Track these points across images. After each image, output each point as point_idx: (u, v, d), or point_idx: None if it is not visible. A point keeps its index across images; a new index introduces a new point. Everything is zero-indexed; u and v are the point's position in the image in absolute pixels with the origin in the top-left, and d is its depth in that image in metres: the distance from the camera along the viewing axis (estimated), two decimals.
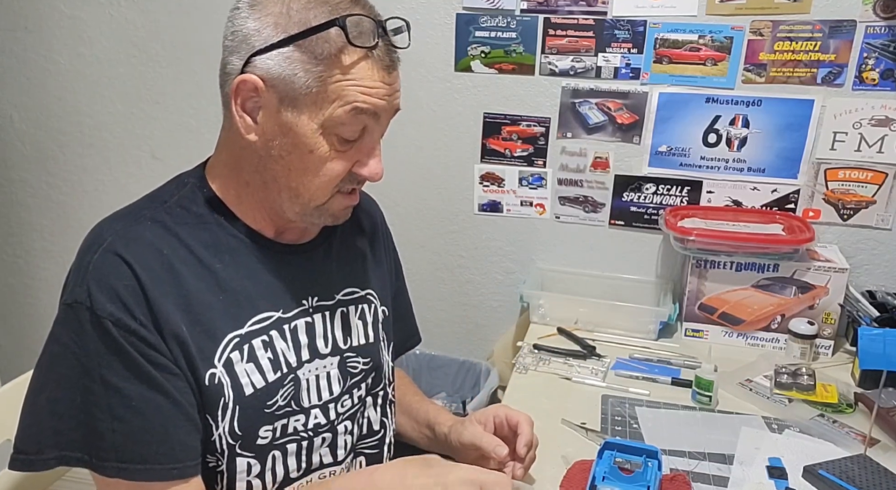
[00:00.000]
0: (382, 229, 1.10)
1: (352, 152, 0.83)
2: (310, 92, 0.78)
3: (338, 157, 0.82)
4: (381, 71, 0.81)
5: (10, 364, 2.18)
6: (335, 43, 0.77)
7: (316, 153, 0.80)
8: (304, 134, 0.79)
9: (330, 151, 0.81)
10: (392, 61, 0.83)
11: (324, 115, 0.78)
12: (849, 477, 1.05)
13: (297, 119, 0.79)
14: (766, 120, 1.55)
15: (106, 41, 1.88)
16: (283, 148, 0.81)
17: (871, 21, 1.45)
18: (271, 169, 0.82)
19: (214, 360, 0.81)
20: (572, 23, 1.59)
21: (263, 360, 0.85)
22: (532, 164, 1.71)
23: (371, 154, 0.84)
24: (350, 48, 0.78)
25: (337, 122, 0.79)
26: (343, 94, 0.78)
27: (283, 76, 0.77)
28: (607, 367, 1.43)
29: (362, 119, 0.81)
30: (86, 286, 0.76)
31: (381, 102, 0.82)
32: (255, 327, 0.85)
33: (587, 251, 1.75)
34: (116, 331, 0.75)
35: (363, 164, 0.84)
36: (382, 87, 0.81)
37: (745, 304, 1.52)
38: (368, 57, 0.79)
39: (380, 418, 1.02)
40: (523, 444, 0.97)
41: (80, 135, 1.98)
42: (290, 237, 0.91)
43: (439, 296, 1.88)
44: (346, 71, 0.78)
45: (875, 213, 1.56)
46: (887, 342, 1.04)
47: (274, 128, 0.80)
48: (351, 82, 0.78)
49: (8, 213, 2.12)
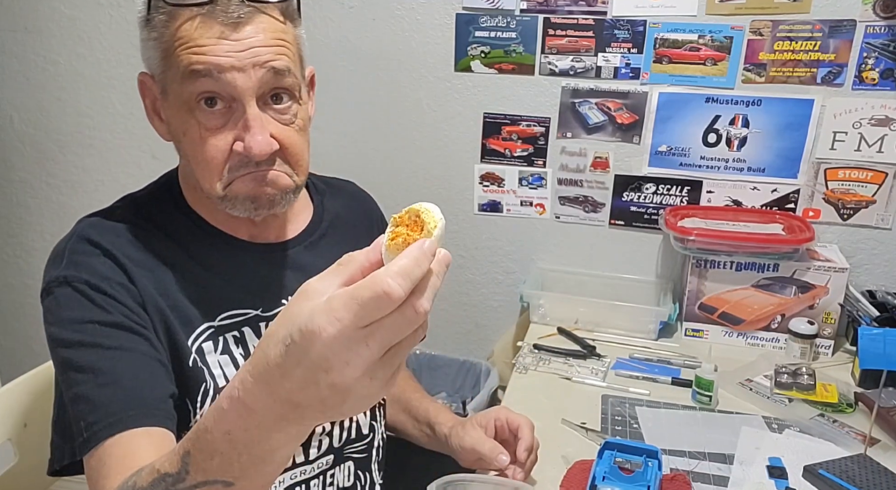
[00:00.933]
0: (379, 227, 1.07)
1: (226, 129, 0.76)
2: (164, 71, 0.75)
3: (210, 136, 0.75)
4: (220, 26, 0.72)
5: (10, 364, 2.18)
6: (160, 10, 0.74)
7: (188, 135, 0.76)
8: (175, 116, 0.76)
9: (200, 131, 0.75)
10: (240, 14, 0.73)
11: (178, 92, 0.74)
12: (849, 477, 1.05)
13: (168, 104, 0.77)
14: (765, 120, 1.55)
15: (106, 42, 1.88)
16: (175, 140, 0.79)
17: (870, 21, 1.45)
18: (184, 163, 0.81)
19: (189, 343, 0.80)
20: (572, 23, 1.59)
21: (237, 354, 0.84)
22: (532, 164, 1.71)
23: (246, 127, 0.75)
24: (177, 11, 0.73)
25: (188, 94, 0.73)
26: (179, 60, 0.73)
27: (149, 62, 0.76)
28: (607, 366, 1.43)
29: (204, 83, 0.73)
30: (62, 268, 0.75)
31: (221, 60, 0.72)
32: (227, 322, 0.83)
33: (587, 251, 1.75)
34: (91, 292, 0.74)
35: (240, 140, 0.75)
36: (224, 44, 0.72)
37: (745, 303, 1.52)
38: (199, 15, 0.72)
39: (368, 422, 1.01)
40: (524, 449, 0.97)
41: (80, 135, 1.98)
42: (268, 237, 0.89)
43: (439, 295, 1.84)
44: (178, 35, 0.73)
45: (875, 212, 1.56)
46: (887, 342, 1.04)
47: (168, 121, 0.78)
48: (184, 46, 0.72)
49: (8, 214, 2.12)
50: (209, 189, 0.79)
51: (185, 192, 0.87)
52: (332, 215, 0.99)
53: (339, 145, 1.79)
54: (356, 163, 1.77)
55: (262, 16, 0.74)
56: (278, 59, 0.75)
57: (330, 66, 1.71)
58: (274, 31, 0.75)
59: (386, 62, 1.70)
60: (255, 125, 0.74)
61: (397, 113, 1.74)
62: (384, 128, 1.76)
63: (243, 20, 0.73)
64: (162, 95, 0.78)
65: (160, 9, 0.73)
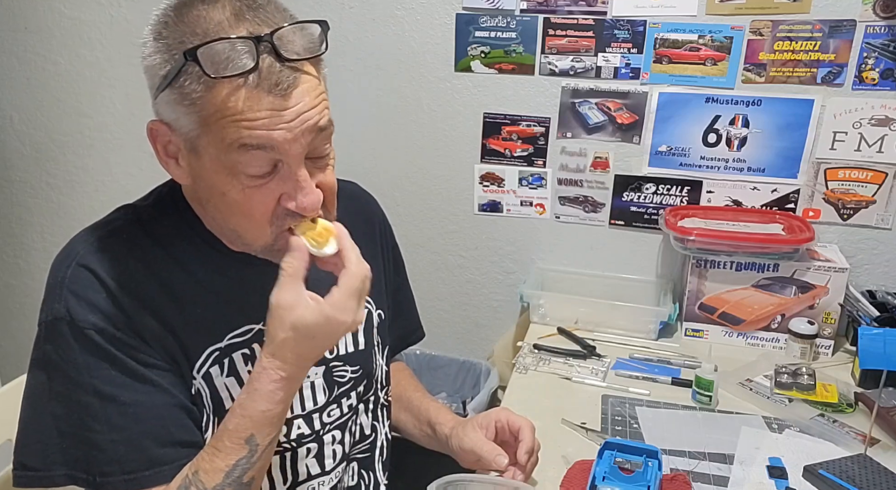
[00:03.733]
0: (381, 227, 1.07)
1: (273, 185, 0.73)
2: (198, 136, 0.71)
3: (256, 195, 0.73)
4: (269, 96, 0.68)
5: (10, 364, 2.18)
6: (198, 79, 0.67)
7: (229, 196, 0.73)
8: (211, 177, 0.73)
9: (243, 190, 0.72)
10: (286, 82, 0.69)
11: (220, 156, 0.71)
12: (849, 477, 1.05)
13: (199, 162, 0.73)
14: (765, 120, 1.55)
15: (106, 42, 1.88)
16: (205, 190, 0.76)
17: (870, 21, 1.45)
18: (211, 209, 0.79)
19: (194, 372, 0.80)
20: (572, 23, 1.59)
21: (244, 373, 0.83)
22: (532, 164, 1.71)
23: (296, 187, 0.73)
24: (218, 81, 0.67)
25: (236, 163, 0.71)
26: (226, 134, 0.69)
27: (172, 120, 0.72)
28: (607, 366, 1.43)
29: (259, 155, 0.70)
30: (63, 301, 0.75)
31: (276, 133, 0.69)
32: (235, 341, 0.83)
33: (587, 251, 1.75)
34: (101, 339, 0.74)
35: (290, 198, 0.74)
36: (273, 115, 0.69)
37: (745, 303, 1.52)
38: (244, 85, 0.67)
39: (371, 423, 1.01)
40: (524, 451, 0.97)
41: (80, 136, 1.98)
42: None
43: (439, 296, 1.88)
44: (220, 106, 0.68)
45: (875, 212, 1.56)
46: (887, 342, 1.04)
47: (195, 174, 0.75)
48: (229, 119, 0.68)
49: (8, 214, 2.12)
50: (254, 240, 0.77)
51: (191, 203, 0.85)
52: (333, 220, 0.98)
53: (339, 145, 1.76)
54: (356, 163, 1.77)
55: (303, 76, 0.71)
56: (323, 116, 0.73)
57: (330, 67, 1.69)
58: (315, 89, 0.72)
59: (386, 62, 1.70)
60: (308, 186, 0.73)
61: (397, 113, 1.73)
62: (384, 128, 1.76)
63: (290, 85, 0.69)
64: (190, 151, 0.74)
65: (194, 78, 0.67)
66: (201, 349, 0.81)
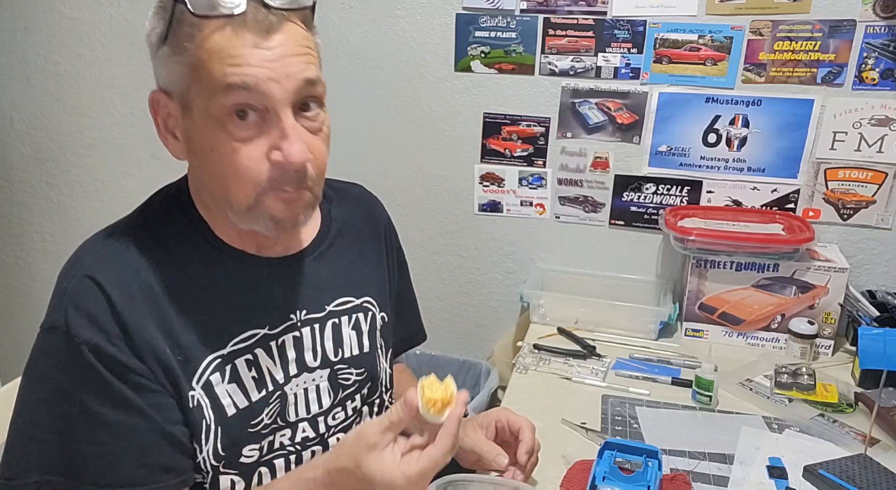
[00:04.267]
0: (386, 230, 1.07)
1: (260, 140, 0.73)
2: (189, 86, 0.72)
3: (243, 147, 0.73)
4: (252, 35, 0.70)
5: (10, 364, 2.18)
6: (186, 22, 0.70)
7: (217, 149, 0.73)
8: (202, 132, 0.74)
9: (231, 143, 0.73)
10: (270, 23, 0.71)
11: (208, 104, 0.71)
12: (849, 477, 1.05)
13: (192, 121, 0.74)
14: (765, 120, 1.55)
15: (106, 42, 1.88)
16: (197, 156, 0.77)
17: (870, 21, 1.45)
18: (204, 183, 0.79)
19: (193, 383, 0.79)
20: (572, 23, 1.59)
21: (247, 379, 0.83)
22: (532, 164, 1.71)
23: (284, 135, 0.72)
24: (203, 22, 0.70)
25: (220, 108, 0.71)
26: (213, 74, 0.70)
27: (169, 79, 0.73)
28: (607, 366, 1.43)
29: (241, 96, 0.70)
30: (63, 311, 0.75)
31: (260, 71, 0.70)
32: (239, 347, 0.83)
33: (587, 251, 1.75)
34: (93, 356, 0.74)
35: (276, 148, 0.73)
36: (258, 54, 0.70)
37: (745, 303, 1.52)
38: (228, 24, 0.70)
39: None
40: (524, 451, 0.97)
41: (80, 136, 1.98)
42: (277, 251, 0.88)
43: (439, 296, 1.88)
44: (207, 47, 0.70)
45: (875, 212, 1.56)
46: (887, 342, 1.04)
47: (186, 138, 0.76)
48: (216, 58, 0.70)
49: (8, 214, 2.12)
50: (238, 201, 0.76)
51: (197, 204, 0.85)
52: (339, 224, 0.97)
53: (339, 145, 1.77)
54: (356, 163, 1.77)
55: (288, 23, 0.72)
56: (309, 68, 0.74)
57: (330, 67, 1.69)
58: (301, 39, 0.74)
59: (386, 62, 1.70)
60: (293, 134, 0.73)
61: (397, 113, 1.74)
62: (384, 128, 1.76)
63: (273, 28, 0.71)
64: (183, 112, 0.75)
65: (184, 23, 0.70)
66: (203, 357, 0.80)
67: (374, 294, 0.99)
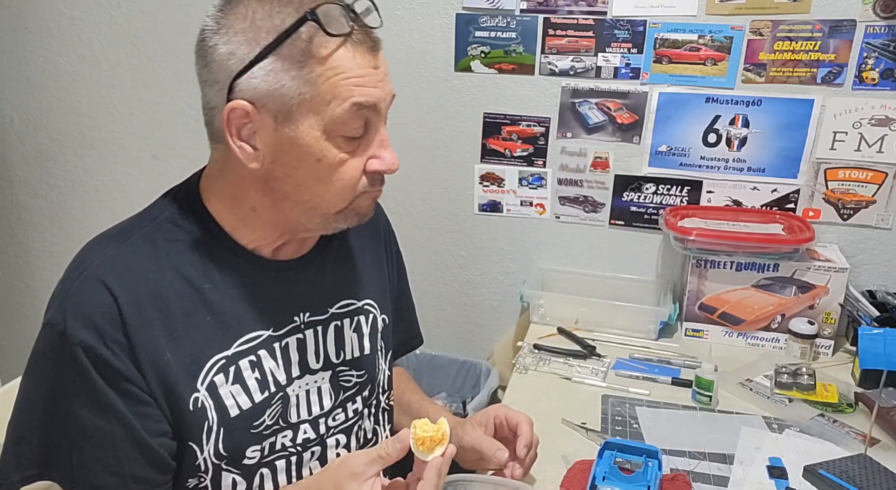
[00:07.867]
0: (386, 234, 1.07)
1: (360, 150, 0.79)
2: (303, 99, 0.74)
3: (349, 159, 0.78)
4: (367, 54, 0.76)
5: (10, 364, 2.18)
6: (311, 39, 0.73)
7: (324, 161, 0.76)
8: (308, 144, 0.75)
9: (339, 155, 0.77)
10: (374, 42, 0.77)
11: (323, 118, 0.74)
12: (849, 477, 1.05)
13: (296, 132, 0.75)
14: (765, 120, 1.55)
15: (106, 42, 1.88)
16: (287, 165, 0.77)
17: (870, 21, 1.45)
18: (279, 189, 0.79)
19: (197, 384, 0.79)
20: (572, 23, 1.59)
21: (250, 380, 0.83)
22: (532, 164, 1.71)
23: (382, 145, 0.80)
24: (328, 40, 0.73)
25: (339, 123, 0.75)
26: (338, 92, 0.74)
27: (271, 91, 0.73)
28: (607, 366, 1.43)
29: (363, 114, 0.76)
30: (63, 310, 0.75)
31: (376, 91, 0.77)
32: (243, 348, 0.83)
33: (587, 251, 1.75)
34: (85, 358, 0.73)
35: (377, 158, 0.80)
36: (373, 73, 0.76)
37: (746, 303, 1.52)
38: (348, 43, 0.74)
39: (372, 427, 1.01)
40: (523, 446, 0.97)
41: (80, 135, 1.98)
42: (287, 253, 0.88)
43: (439, 296, 1.88)
44: (331, 65, 0.73)
45: (875, 212, 1.56)
46: (887, 342, 1.05)
47: (274, 148, 0.76)
48: (342, 76, 0.74)
49: (8, 214, 2.12)
50: (330, 206, 0.80)
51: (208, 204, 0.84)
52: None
53: None
54: None
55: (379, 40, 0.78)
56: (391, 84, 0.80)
57: None
58: None
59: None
60: (388, 143, 0.81)
61: (397, 113, 1.73)
62: None
63: (376, 47, 0.77)
64: (280, 123, 0.75)
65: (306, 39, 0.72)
66: (207, 358, 0.80)
67: (375, 296, 0.99)
